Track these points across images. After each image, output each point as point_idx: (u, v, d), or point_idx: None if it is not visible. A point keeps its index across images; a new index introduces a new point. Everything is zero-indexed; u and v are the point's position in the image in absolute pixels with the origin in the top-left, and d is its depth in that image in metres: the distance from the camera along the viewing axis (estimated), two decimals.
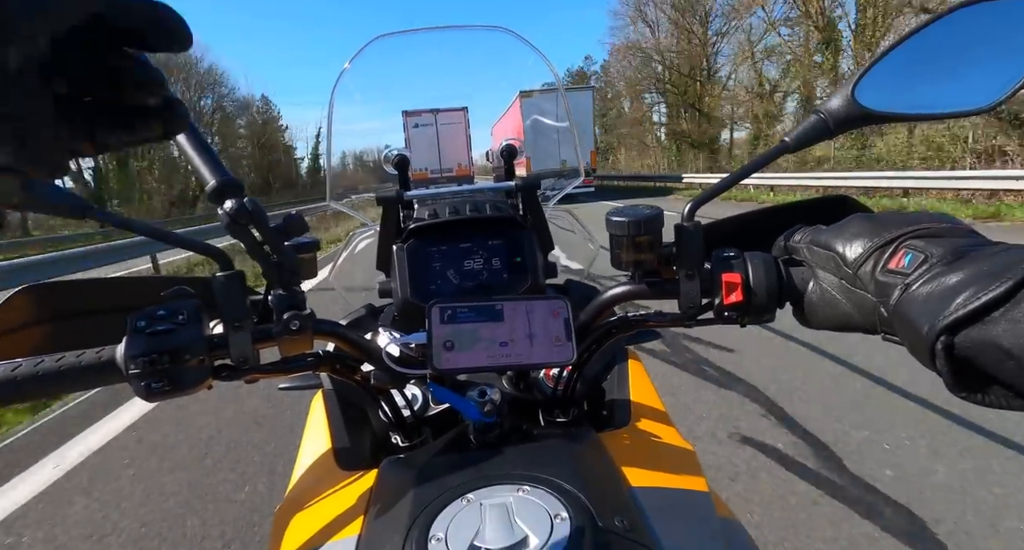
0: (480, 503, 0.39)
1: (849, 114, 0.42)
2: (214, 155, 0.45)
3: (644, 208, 0.48)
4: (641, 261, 0.48)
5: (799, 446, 2.05)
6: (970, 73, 0.39)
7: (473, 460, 0.46)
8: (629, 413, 0.64)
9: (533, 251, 0.73)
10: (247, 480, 2.09)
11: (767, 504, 1.74)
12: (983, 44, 0.38)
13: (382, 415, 0.64)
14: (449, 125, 17.17)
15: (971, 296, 0.29)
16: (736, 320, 0.47)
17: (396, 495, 0.43)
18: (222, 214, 0.42)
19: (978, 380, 0.31)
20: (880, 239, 0.38)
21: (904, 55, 0.40)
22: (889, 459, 1.92)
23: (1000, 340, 0.28)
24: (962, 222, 0.37)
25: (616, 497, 0.43)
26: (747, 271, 0.45)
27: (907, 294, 0.34)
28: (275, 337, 0.46)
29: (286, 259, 0.46)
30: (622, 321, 0.57)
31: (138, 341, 0.41)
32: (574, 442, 0.50)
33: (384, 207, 0.71)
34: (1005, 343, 0.28)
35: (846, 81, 0.42)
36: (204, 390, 0.44)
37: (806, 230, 0.45)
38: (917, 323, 0.32)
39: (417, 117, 16.58)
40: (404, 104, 9.63)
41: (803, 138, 0.44)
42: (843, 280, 0.40)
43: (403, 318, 0.71)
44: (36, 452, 2.51)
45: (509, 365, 0.50)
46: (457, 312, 0.51)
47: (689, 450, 0.57)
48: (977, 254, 0.32)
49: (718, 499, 0.50)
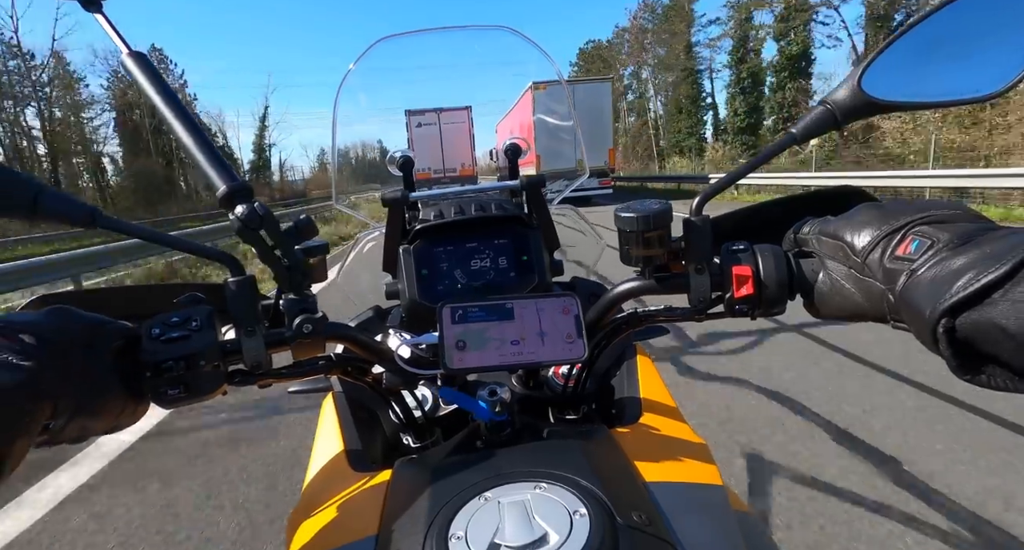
0: (498, 501, 0.39)
1: (856, 104, 0.42)
2: (222, 160, 0.45)
3: (653, 203, 0.48)
4: (651, 256, 0.48)
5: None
6: (976, 60, 0.39)
7: (487, 458, 0.46)
8: (640, 409, 0.64)
9: (539, 249, 0.73)
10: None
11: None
12: (989, 31, 0.38)
13: (393, 416, 0.65)
14: (452, 124, 16.95)
15: (972, 278, 0.29)
16: (747, 313, 0.47)
17: (412, 495, 0.43)
18: (233, 219, 0.42)
19: (981, 362, 0.31)
20: (888, 227, 0.38)
21: (909, 44, 0.40)
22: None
23: (1000, 320, 0.28)
24: (970, 209, 0.37)
25: (633, 492, 0.43)
26: (757, 263, 0.45)
27: (912, 279, 0.34)
28: (288, 342, 0.46)
29: (297, 263, 0.46)
30: (632, 316, 0.57)
31: (153, 348, 0.41)
32: (587, 438, 0.50)
33: (389, 208, 0.72)
34: (1005, 323, 0.28)
35: (852, 71, 0.42)
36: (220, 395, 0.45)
37: (814, 222, 0.45)
38: (920, 307, 0.32)
39: (420, 116, 16.38)
40: (407, 103, 9.51)
41: (810, 129, 0.44)
42: (852, 269, 0.40)
43: (411, 319, 0.72)
44: None
45: (521, 363, 0.50)
46: (468, 312, 0.51)
47: (701, 444, 0.57)
48: (983, 238, 0.33)
49: (732, 493, 0.50)
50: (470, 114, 17.11)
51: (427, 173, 16.50)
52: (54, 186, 0.86)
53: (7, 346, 0.32)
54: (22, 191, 0.38)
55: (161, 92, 0.46)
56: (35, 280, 5.53)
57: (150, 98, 0.46)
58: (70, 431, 0.36)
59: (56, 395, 0.34)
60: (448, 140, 17.01)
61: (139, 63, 0.47)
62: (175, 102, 0.46)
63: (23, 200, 0.37)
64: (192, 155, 0.45)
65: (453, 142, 17.08)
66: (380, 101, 1.08)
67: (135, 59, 0.47)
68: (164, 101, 0.46)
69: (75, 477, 2.21)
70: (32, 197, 0.38)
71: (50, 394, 0.33)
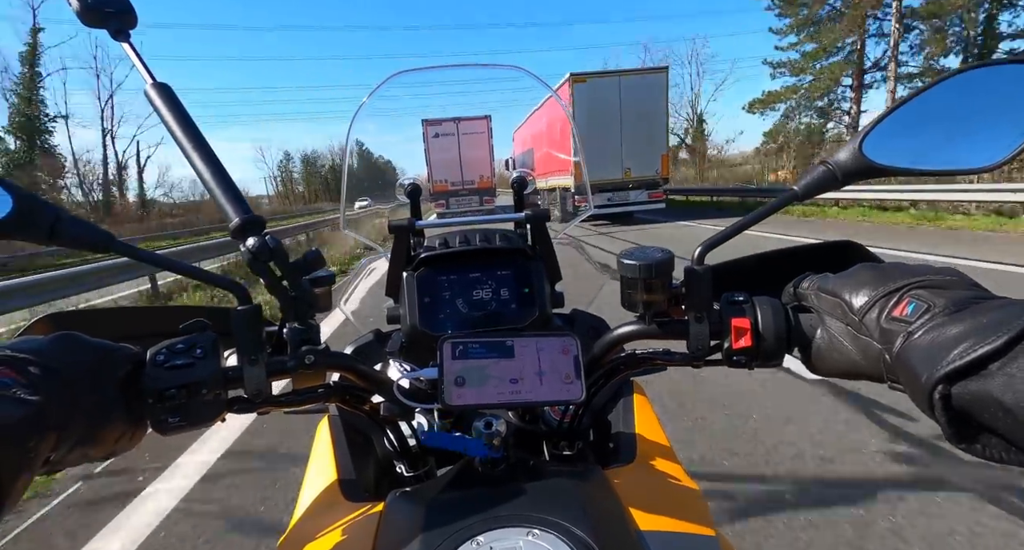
0: (490, 546, 0.39)
1: (856, 166, 0.43)
2: (238, 193, 0.46)
3: (655, 251, 0.49)
4: (651, 302, 0.49)
5: None
6: (973, 133, 0.40)
7: (481, 497, 0.46)
8: (635, 448, 0.64)
9: (541, 281, 0.74)
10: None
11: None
12: (987, 106, 0.39)
13: (387, 443, 0.65)
14: (471, 134, 16.07)
15: (968, 347, 0.30)
16: (744, 364, 0.47)
17: (404, 534, 0.43)
18: (244, 251, 0.43)
19: (977, 432, 0.31)
20: (885, 288, 0.38)
21: (910, 113, 0.42)
22: None
23: (996, 394, 0.28)
24: (966, 275, 0.38)
25: (625, 543, 0.43)
26: (756, 316, 0.46)
27: (909, 342, 0.34)
28: (290, 371, 0.47)
29: (303, 294, 0.47)
30: (630, 358, 0.57)
31: (156, 375, 0.42)
32: (582, 481, 0.50)
33: (395, 235, 0.73)
34: (1001, 397, 0.28)
35: (854, 136, 0.43)
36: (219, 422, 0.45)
37: (814, 277, 0.46)
38: (917, 371, 0.32)
39: (437, 126, 15.25)
40: (417, 124, 8.94)
41: (811, 187, 0.45)
42: (849, 326, 0.41)
43: (411, 346, 0.72)
44: None
45: (518, 402, 0.50)
46: (468, 348, 0.51)
47: (695, 490, 0.57)
48: (979, 306, 0.33)
49: (726, 542, 0.49)
50: (489, 123, 16.25)
51: (444, 185, 15.74)
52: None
53: (13, 379, 0.32)
54: (43, 216, 0.39)
55: (181, 123, 0.47)
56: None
57: (170, 128, 0.47)
58: (70, 459, 0.36)
59: (61, 427, 0.34)
60: (466, 150, 16.18)
61: (162, 94, 0.49)
62: (195, 134, 0.47)
63: (42, 224, 0.39)
64: (208, 186, 0.46)
65: (472, 152, 16.28)
66: (393, 127, 1.08)
67: (158, 90, 0.49)
68: (184, 132, 0.47)
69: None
70: (51, 222, 0.39)
71: (56, 427, 0.34)
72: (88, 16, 0.49)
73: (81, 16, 0.49)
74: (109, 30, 0.50)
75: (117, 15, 0.50)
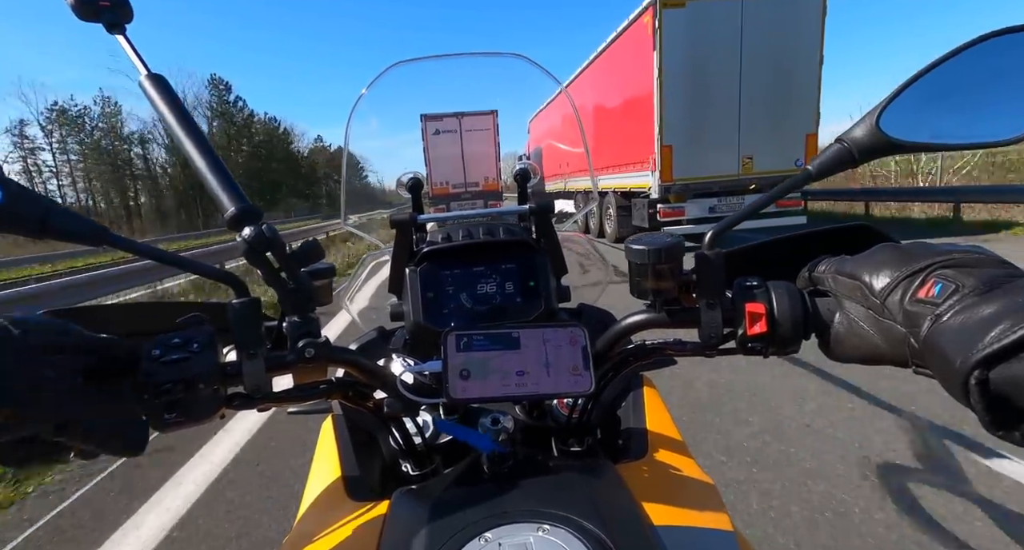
0: (499, 542, 0.38)
1: (873, 143, 0.41)
2: (233, 182, 0.45)
3: (664, 236, 0.47)
4: (661, 289, 0.48)
5: None
6: (995, 104, 0.38)
7: (488, 494, 0.45)
8: (646, 443, 0.63)
9: (547, 275, 0.72)
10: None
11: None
12: (1009, 75, 0.38)
13: (392, 442, 0.64)
14: (475, 131, 13.85)
15: (1007, 329, 0.28)
16: (760, 351, 0.46)
17: (409, 531, 0.42)
18: (240, 241, 0.42)
19: (1017, 418, 0.29)
20: (908, 268, 0.37)
21: (928, 85, 0.40)
22: None
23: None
24: (993, 253, 0.36)
25: (639, 537, 0.41)
26: (771, 301, 0.44)
27: (938, 325, 0.32)
28: (289, 365, 0.46)
29: (302, 286, 0.46)
30: (640, 349, 0.55)
31: (152, 369, 0.41)
32: (593, 476, 0.49)
33: (397, 230, 0.71)
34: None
35: (870, 111, 0.41)
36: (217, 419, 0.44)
37: (830, 260, 0.44)
38: (950, 356, 0.31)
39: (438, 122, 13.14)
40: (416, 115, 8.16)
41: (826, 166, 0.43)
42: (870, 310, 0.39)
43: (415, 342, 0.71)
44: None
45: (525, 395, 0.49)
46: (473, 340, 0.50)
47: (710, 484, 0.55)
48: (1012, 285, 0.31)
49: (743, 538, 0.48)
50: (495, 119, 13.38)
51: (445, 188, 13.63)
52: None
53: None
54: (32, 208, 0.38)
55: (177, 114, 0.46)
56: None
57: (165, 119, 0.47)
58: (85, 451, 0.37)
59: (57, 419, 0.34)
60: (470, 149, 13.92)
61: (157, 85, 0.48)
62: (190, 124, 0.47)
63: (33, 217, 0.37)
64: (203, 176, 0.45)
65: (476, 151, 13.99)
66: (393, 120, 1.06)
67: (153, 81, 0.48)
68: (179, 123, 0.46)
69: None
70: (42, 214, 0.38)
71: (50, 418, 0.33)
72: (83, 10, 0.48)
73: (76, 10, 0.48)
74: (104, 24, 0.49)
75: (112, 8, 0.49)
